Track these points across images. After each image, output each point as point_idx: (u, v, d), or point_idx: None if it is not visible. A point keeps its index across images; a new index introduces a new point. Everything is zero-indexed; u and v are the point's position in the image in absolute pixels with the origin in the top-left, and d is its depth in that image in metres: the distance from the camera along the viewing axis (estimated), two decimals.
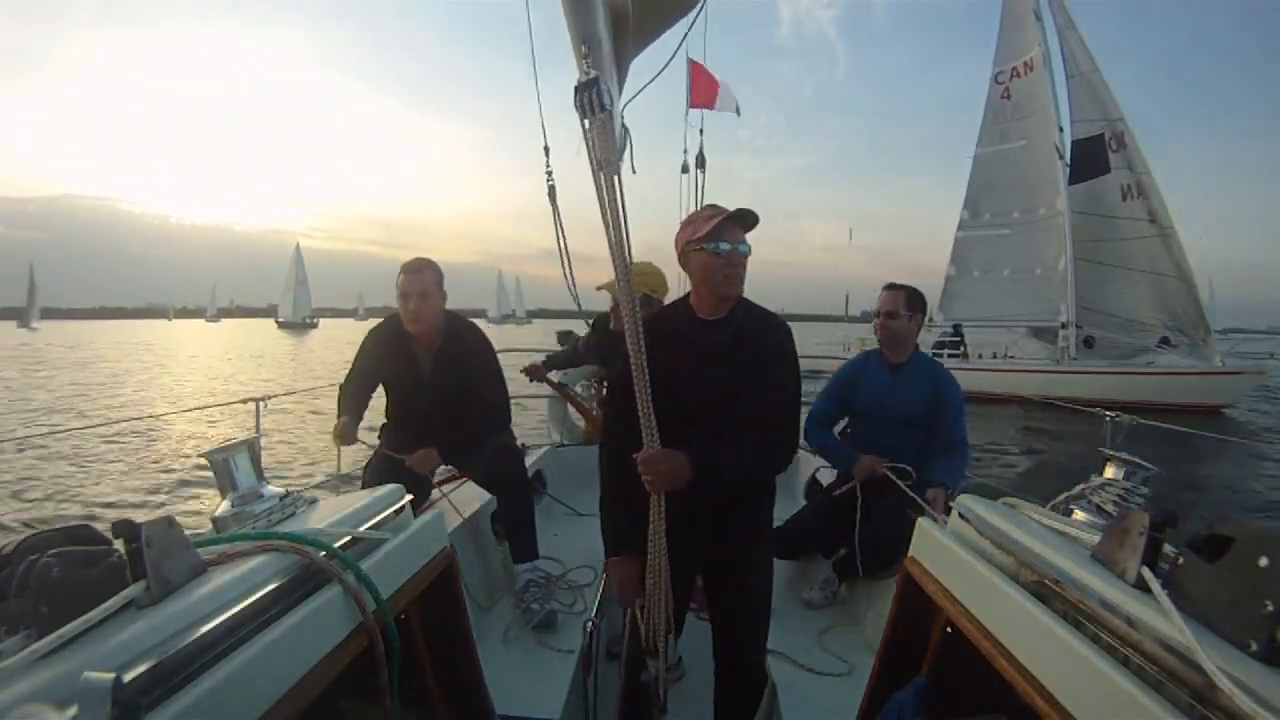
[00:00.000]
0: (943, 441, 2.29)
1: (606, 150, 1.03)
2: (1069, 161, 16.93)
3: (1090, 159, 16.60)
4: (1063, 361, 16.11)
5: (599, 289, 3.35)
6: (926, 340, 18.34)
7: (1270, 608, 0.60)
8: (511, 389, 2.56)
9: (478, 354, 2.37)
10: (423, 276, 2.21)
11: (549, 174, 3.25)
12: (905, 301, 2.30)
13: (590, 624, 2.02)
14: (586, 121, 1.02)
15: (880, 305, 2.32)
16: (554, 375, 3.77)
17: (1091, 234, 16.47)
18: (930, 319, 19.39)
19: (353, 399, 2.36)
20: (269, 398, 2.76)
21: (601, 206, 1.08)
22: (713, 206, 1.47)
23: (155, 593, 0.71)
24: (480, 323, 2.53)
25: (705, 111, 4.17)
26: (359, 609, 0.91)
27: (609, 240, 1.09)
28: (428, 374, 2.29)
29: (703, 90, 4.09)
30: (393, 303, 2.32)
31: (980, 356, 17.70)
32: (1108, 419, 2.69)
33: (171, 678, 0.64)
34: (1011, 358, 17.60)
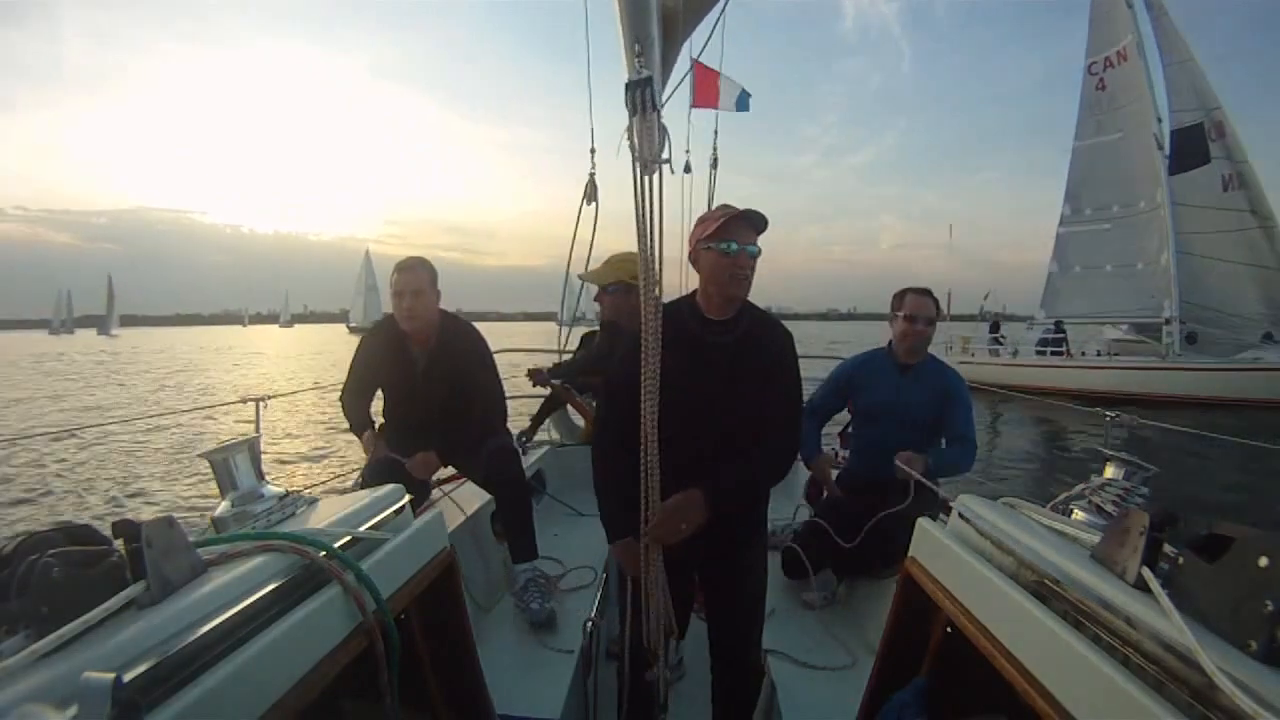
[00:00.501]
0: (952, 436, 2.28)
1: (651, 149, 1.02)
2: (1168, 152, 16.26)
3: (1190, 149, 15.95)
4: (1167, 358, 15.49)
5: (581, 278, 3.17)
6: (1030, 338, 17.94)
7: (1270, 608, 0.60)
8: (513, 389, 2.57)
9: (474, 352, 2.37)
10: (416, 274, 2.22)
11: (591, 175, 3.25)
12: (935, 308, 2.30)
13: (590, 624, 2.02)
14: (634, 120, 1.02)
15: (912, 309, 2.27)
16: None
17: (1192, 226, 15.94)
18: (1032, 317, 18.89)
19: (359, 406, 2.37)
20: (269, 397, 2.76)
21: (638, 204, 1.07)
22: (725, 207, 1.46)
23: (155, 593, 0.71)
24: (549, 326, 2.55)
25: (717, 111, 4.14)
26: (359, 609, 0.91)
27: (640, 238, 1.08)
28: (424, 372, 2.30)
29: (705, 90, 4.07)
30: (466, 306, 2.35)
31: (1084, 354, 17.14)
32: (1107, 418, 2.69)
33: (171, 678, 0.64)
34: (1115, 355, 16.77)
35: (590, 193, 3.18)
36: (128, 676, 0.59)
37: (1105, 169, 17.31)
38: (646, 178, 1.05)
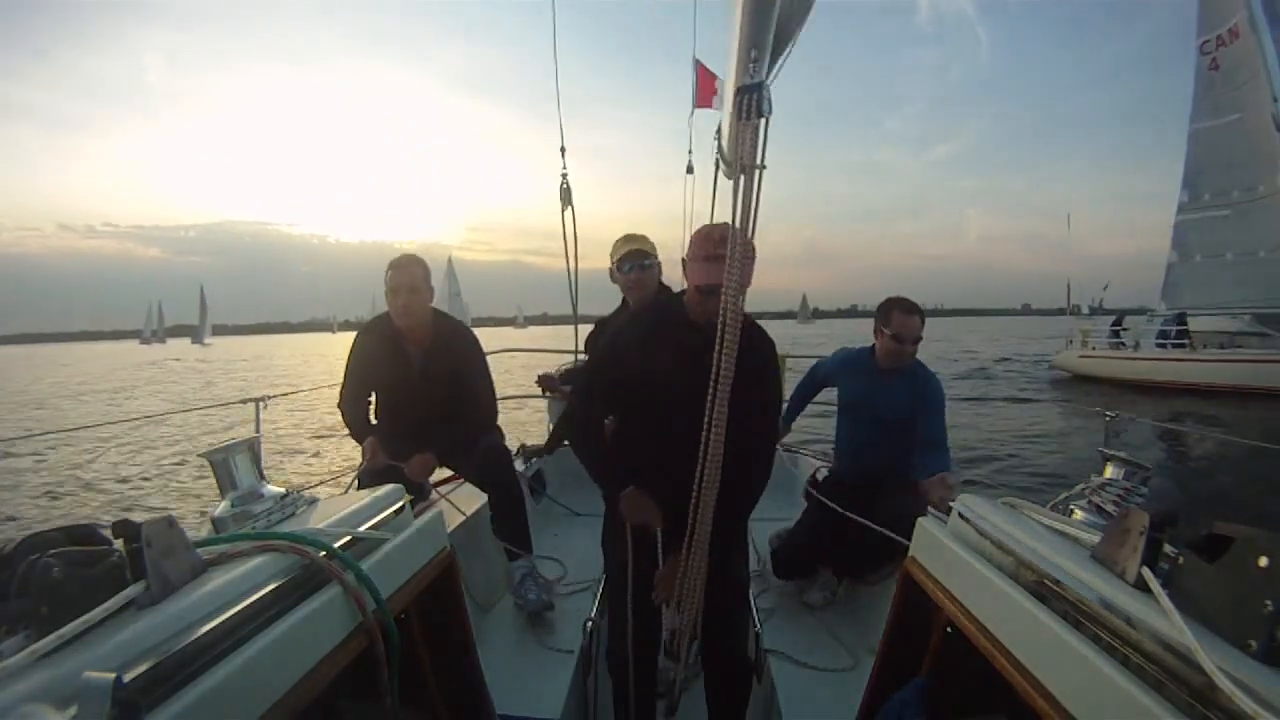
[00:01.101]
0: (924, 440, 2.24)
1: (754, 154, 1.03)
2: None
3: None
4: None
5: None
6: (1150, 330, 17.10)
7: (1270, 607, 0.60)
8: (516, 390, 2.57)
9: (467, 350, 2.40)
10: (411, 271, 2.24)
11: (564, 175, 3.21)
12: (922, 324, 2.26)
13: (590, 624, 2.02)
14: (739, 124, 1.02)
15: (901, 329, 2.21)
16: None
17: None
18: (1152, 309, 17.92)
19: (358, 412, 2.37)
20: (269, 398, 2.76)
21: (734, 208, 1.08)
22: (719, 234, 1.42)
23: (155, 593, 0.71)
24: None
25: (709, 110, 4.12)
26: (359, 609, 0.91)
27: (730, 241, 1.09)
28: (419, 369, 2.31)
29: (705, 90, 4.06)
30: (554, 309, 2.37)
31: (1205, 346, 15.98)
32: (1107, 418, 2.68)
33: (171, 678, 0.64)
34: (1238, 348, 15.57)
35: (566, 195, 3.03)
36: (128, 676, 0.59)
37: (1223, 153, 16.36)
38: (746, 180, 1.05)
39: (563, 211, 3.05)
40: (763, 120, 1.02)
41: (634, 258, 2.34)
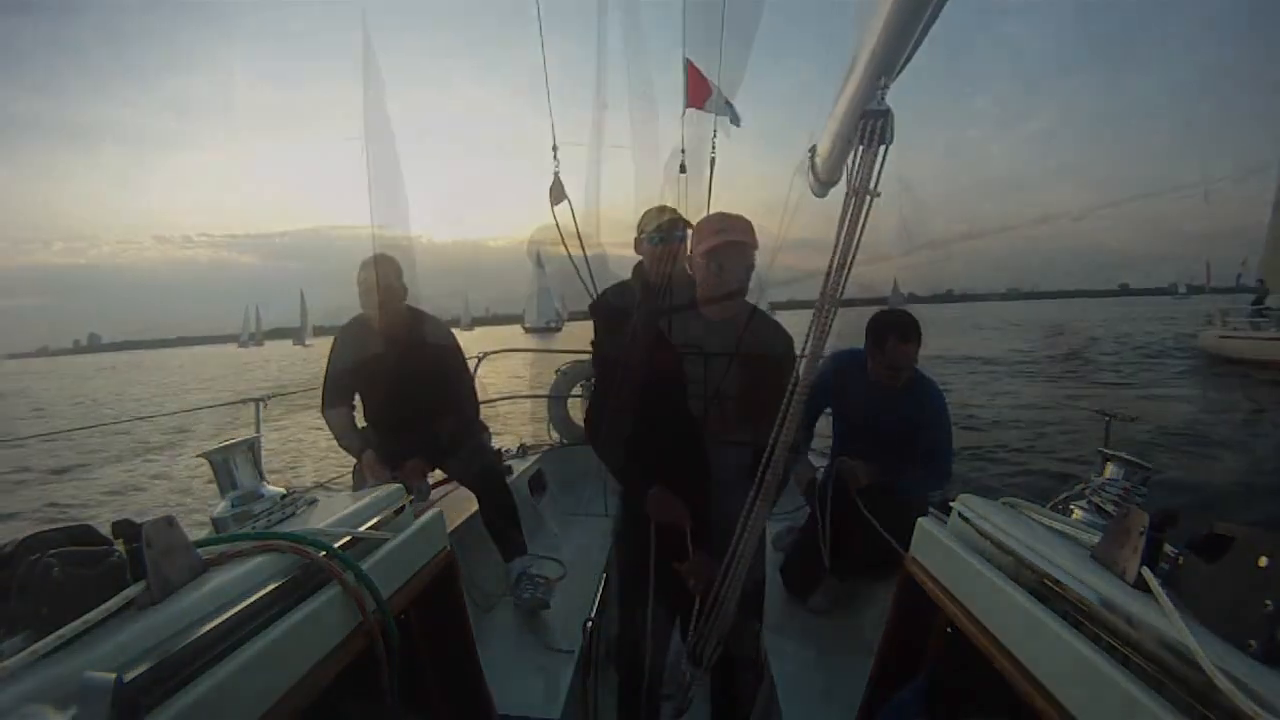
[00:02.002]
0: (923, 452, 2.19)
1: (868, 180, 1.04)
2: None
3: None
4: None
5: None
6: (1275, 302, 16.19)
7: (1270, 607, 0.60)
8: (515, 389, 2.58)
9: (446, 346, 2.41)
10: (383, 271, 2.25)
11: (556, 174, 3.18)
12: (918, 348, 2.16)
13: (590, 624, 2.02)
14: (860, 148, 1.02)
15: (894, 359, 2.12)
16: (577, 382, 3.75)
17: None
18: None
19: (342, 415, 2.36)
20: (269, 397, 2.77)
21: (839, 228, 1.08)
22: (719, 223, 1.45)
23: (155, 593, 0.71)
24: None
25: (715, 115, 4.09)
26: (359, 609, 0.91)
27: (833, 258, 1.08)
28: (400, 365, 2.32)
29: (697, 90, 4.05)
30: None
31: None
32: (1106, 419, 2.68)
33: (171, 678, 0.64)
34: None
35: (557, 193, 3.06)
36: (128, 676, 0.59)
37: None
38: (857, 203, 1.05)
39: (553, 207, 3.01)
40: (883, 147, 1.02)
41: (670, 226, 2.21)
